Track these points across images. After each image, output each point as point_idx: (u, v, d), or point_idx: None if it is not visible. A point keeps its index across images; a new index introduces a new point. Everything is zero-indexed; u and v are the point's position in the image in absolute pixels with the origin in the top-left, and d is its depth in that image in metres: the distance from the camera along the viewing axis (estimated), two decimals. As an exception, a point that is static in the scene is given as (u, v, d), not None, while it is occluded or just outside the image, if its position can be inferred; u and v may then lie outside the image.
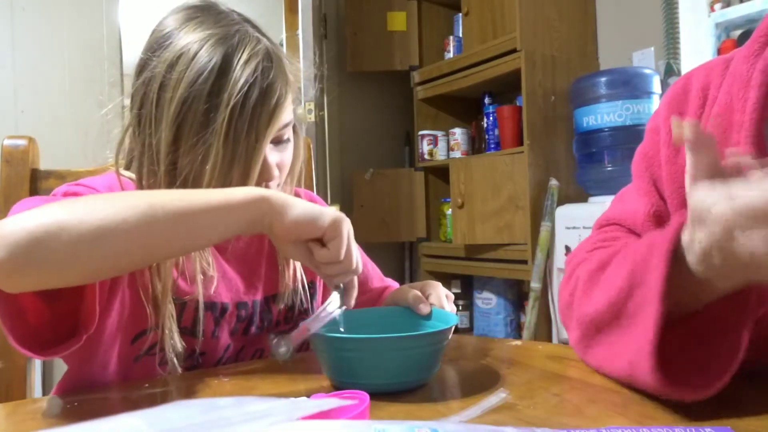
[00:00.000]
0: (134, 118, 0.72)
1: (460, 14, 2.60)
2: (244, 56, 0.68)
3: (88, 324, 0.61)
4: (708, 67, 0.73)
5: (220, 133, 0.66)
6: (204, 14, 0.72)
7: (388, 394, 0.57)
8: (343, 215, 0.61)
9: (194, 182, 0.68)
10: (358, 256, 0.63)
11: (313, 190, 1.04)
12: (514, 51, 2.26)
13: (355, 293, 0.65)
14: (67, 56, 2.44)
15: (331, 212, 0.60)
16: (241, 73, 0.67)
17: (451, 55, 2.71)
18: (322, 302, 0.88)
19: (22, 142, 0.89)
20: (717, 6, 2.11)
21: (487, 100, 2.61)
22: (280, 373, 0.69)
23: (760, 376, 0.55)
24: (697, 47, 2.09)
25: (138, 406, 0.58)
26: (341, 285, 0.63)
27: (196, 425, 0.38)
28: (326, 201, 2.73)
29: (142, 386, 0.65)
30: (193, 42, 0.68)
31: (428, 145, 2.76)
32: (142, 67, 0.71)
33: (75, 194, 0.66)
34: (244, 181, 0.69)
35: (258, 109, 0.68)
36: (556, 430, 0.42)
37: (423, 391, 0.59)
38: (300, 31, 2.54)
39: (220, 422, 0.37)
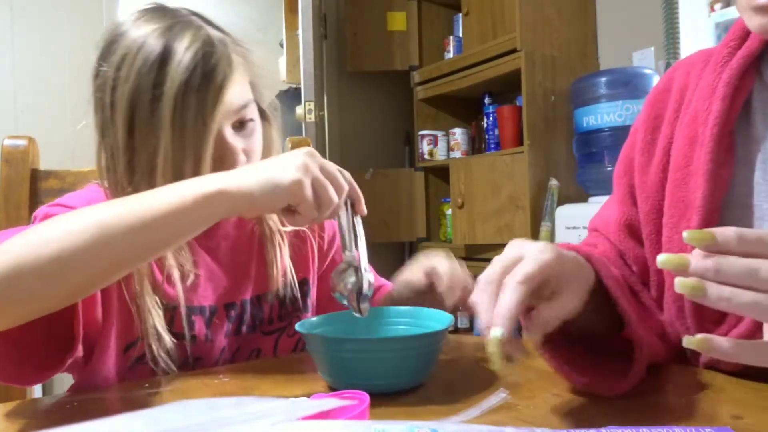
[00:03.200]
0: (97, 126, 0.72)
1: (460, 14, 2.60)
2: (185, 43, 0.68)
3: (71, 347, 0.62)
4: (690, 63, 0.72)
5: (167, 121, 0.67)
6: (150, 13, 0.72)
7: (388, 394, 0.57)
8: (297, 161, 0.58)
9: (150, 175, 0.68)
10: (335, 174, 0.60)
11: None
12: (514, 51, 2.26)
13: (361, 198, 0.65)
14: (67, 56, 2.44)
15: (287, 175, 0.56)
16: (182, 60, 0.67)
17: (451, 55, 2.71)
18: (317, 296, 0.88)
19: (22, 142, 0.89)
20: (717, 6, 2.11)
21: (487, 100, 2.61)
22: (280, 373, 0.69)
23: (760, 377, 0.55)
24: (697, 47, 2.09)
25: (138, 406, 0.58)
26: (347, 203, 0.64)
27: (196, 425, 0.38)
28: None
29: (142, 386, 0.65)
30: (138, 38, 0.69)
31: (428, 145, 2.76)
32: (95, 76, 0.72)
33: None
34: (197, 168, 0.68)
35: (202, 92, 0.68)
36: (556, 430, 0.42)
37: (423, 391, 0.59)
38: (300, 31, 2.54)
39: (220, 422, 0.37)
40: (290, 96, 2.88)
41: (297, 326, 0.63)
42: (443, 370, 0.65)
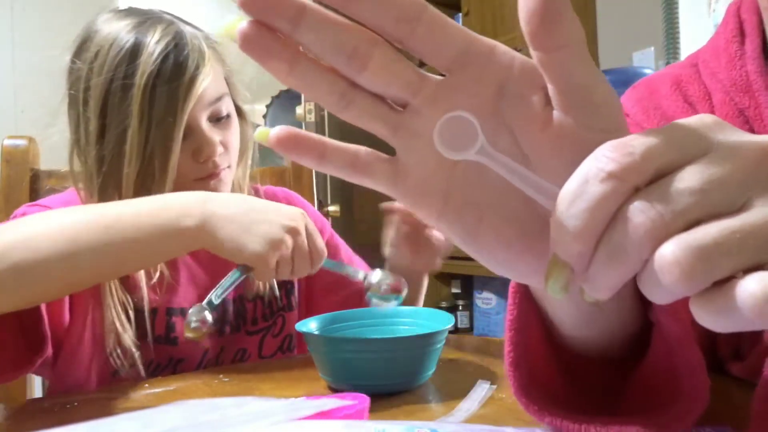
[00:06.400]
0: (71, 123, 0.74)
1: (460, 14, 2.60)
2: (156, 36, 0.70)
3: (40, 347, 0.63)
4: (653, 86, 0.68)
5: (135, 111, 0.68)
6: (122, 13, 0.74)
7: (388, 394, 0.57)
8: (275, 233, 0.60)
9: (118, 164, 0.69)
10: (304, 254, 0.62)
11: (312, 191, 1.04)
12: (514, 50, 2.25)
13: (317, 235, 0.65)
14: (67, 56, 2.44)
15: (254, 246, 0.59)
16: (152, 52, 0.69)
17: (451, 55, 2.70)
18: (307, 297, 0.88)
19: (22, 142, 0.89)
20: (717, 6, 2.11)
21: (487, 100, 2.61)
22: (280, 373, 0.69)
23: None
24: (697, 47, 2.09)
25: (138, 406, 0.58)
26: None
27: (197, 425, 0.38)
28: (327, 200, 2.72)
29: (142, 386, 0.65)
30: (110, 34, 0.71)
31: (428, 145, 2.76)
32: (69, 73, 0.75)
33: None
34: (165, 160, 0.69)
35: (174, 83, 0.69)
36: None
37: (423, 391, 0.59)
38: (300, 31, 2.54)
39: (220, 422, 0.37)
40: (290, 96, 2.88)
41: (297, 326, 0.63)
42: (443, 370, 0.65)
